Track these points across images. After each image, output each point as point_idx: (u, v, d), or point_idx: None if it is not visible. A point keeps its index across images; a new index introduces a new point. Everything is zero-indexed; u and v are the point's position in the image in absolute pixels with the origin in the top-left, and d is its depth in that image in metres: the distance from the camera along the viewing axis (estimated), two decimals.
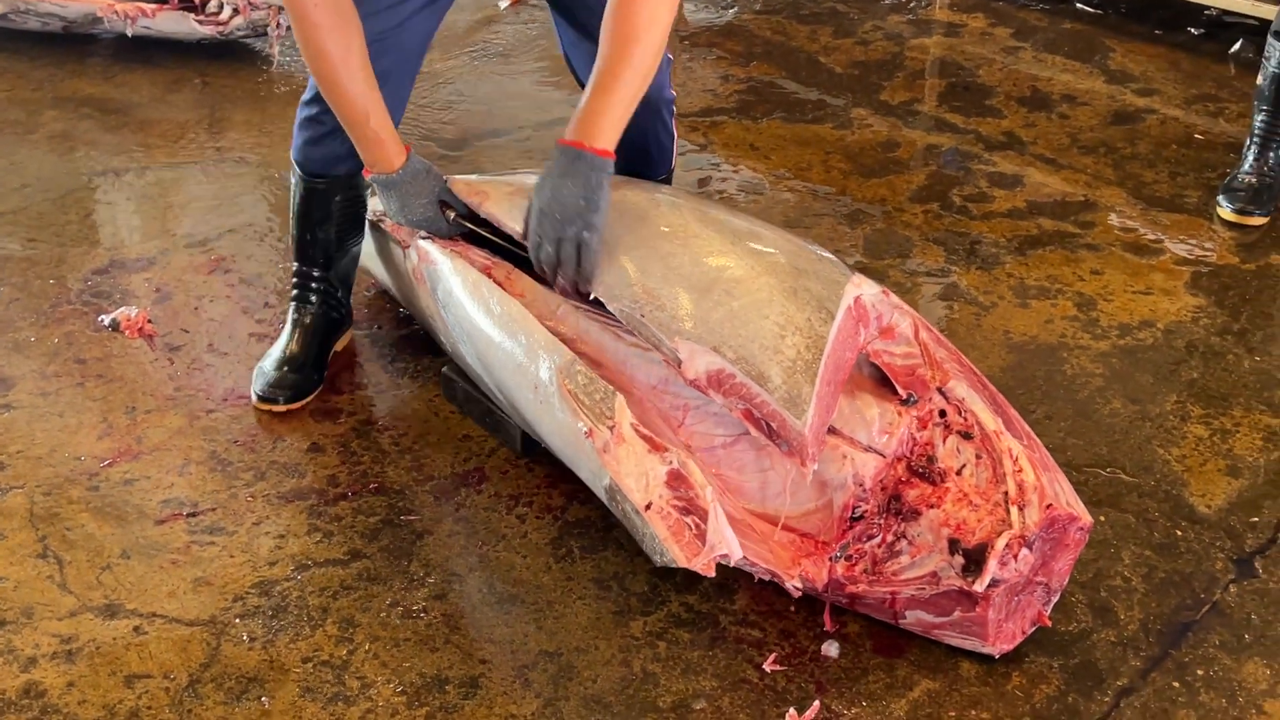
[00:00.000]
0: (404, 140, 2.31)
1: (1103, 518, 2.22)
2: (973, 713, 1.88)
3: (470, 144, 3.57)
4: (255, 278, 2.92)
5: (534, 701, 1.91)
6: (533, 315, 2.15)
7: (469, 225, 2.36)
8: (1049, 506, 1.86)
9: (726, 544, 1.85)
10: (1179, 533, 2.20)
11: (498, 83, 3.96)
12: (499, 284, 2.24)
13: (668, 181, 2.74)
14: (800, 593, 1.98)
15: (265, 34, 4.00)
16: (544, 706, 1.90)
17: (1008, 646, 1.94)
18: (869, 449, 2.02)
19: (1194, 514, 2.24)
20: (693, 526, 1.85)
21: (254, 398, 2.49)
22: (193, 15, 3.95)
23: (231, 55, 4.04)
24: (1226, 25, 4.28)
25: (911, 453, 2.00)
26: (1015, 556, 1.85)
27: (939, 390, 2.02)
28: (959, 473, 1.95)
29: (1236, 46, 4.13)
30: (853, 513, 2.00)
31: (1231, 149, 3.50)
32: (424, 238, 2.39)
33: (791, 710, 1.87)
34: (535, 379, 2.06)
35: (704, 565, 1.83)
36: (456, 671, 1.96)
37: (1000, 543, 1.84)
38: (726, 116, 3.74)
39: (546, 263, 2.11)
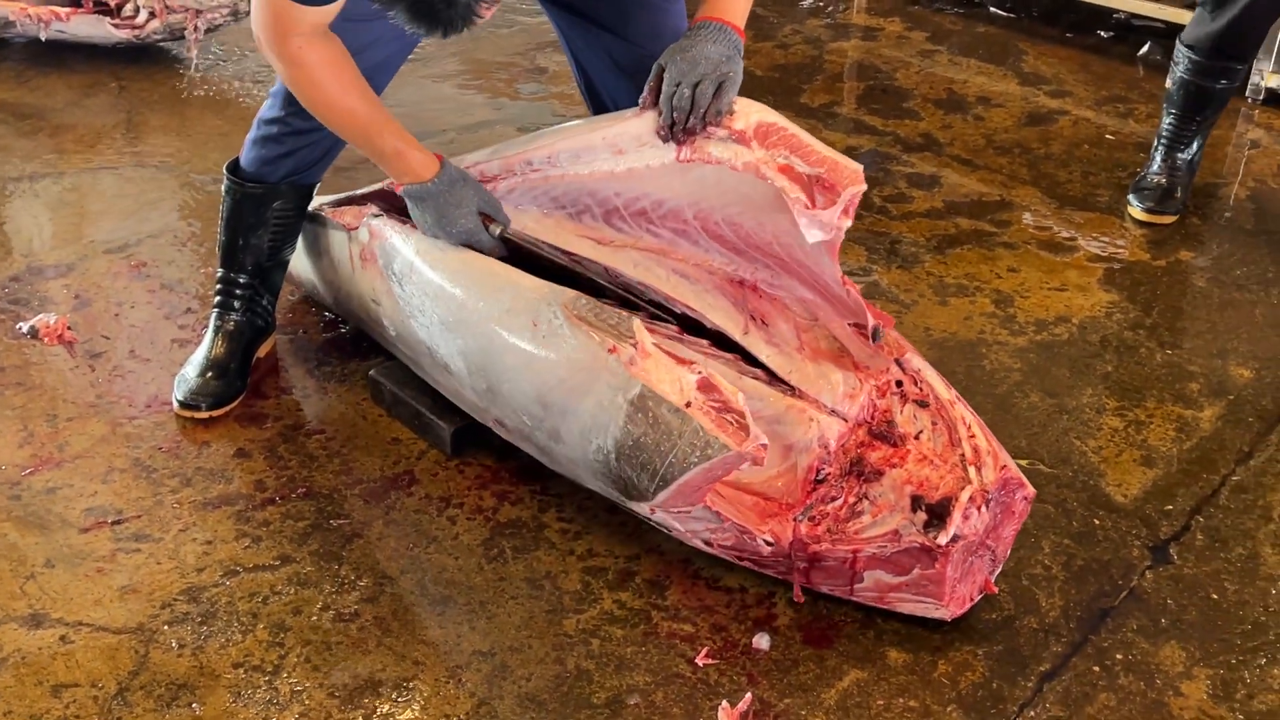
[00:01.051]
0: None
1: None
2: (900, 701, 1.92)
3: None
4: (176, 283, 2.89)
5: (468, 701, 1.91)
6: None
7: (515, 239, 2.29)
8: (1004, 468, 1.96)
9: (764, 438, 1.88)
10: (1097, 522, 2.26)
11: (420, 86, 3.95)
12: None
13: None
14: (770, 549, 2.01)
15: (182, 37, 3.95)
16: (478, 706, 1.91)
17: (959, 610, 1.99)
18: (833, 413, 2.08)
19: (1111, 503, 2.30)
20: (734, 421, 1.88)
21: (176, 405, 2.47)
22: (108, 19, 3.89)
23: (148, 59, 3.99)
24: (1135, 28, 4.39)
25: (872, 418, 2.08)
26: (978, 509, 1.92)
27: (896, 361, 2.10)
28: (917, 437, 2.04)
29: (1145, 49, 4.24)
30: (817, 474, 2.05)
31: (1141, 148, 3.59)
32: (376, 215, 2.39)
33: (724, 703, 1.90)
34: (533, 319, 2.06)
35: (755, 449, 1.85)
36: (389, 674, 1.96)
37: (964, 496, 1.92)
38: None
39: (680, 106, 2.07)
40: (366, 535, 2.21)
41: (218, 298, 2.55)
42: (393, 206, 2.49)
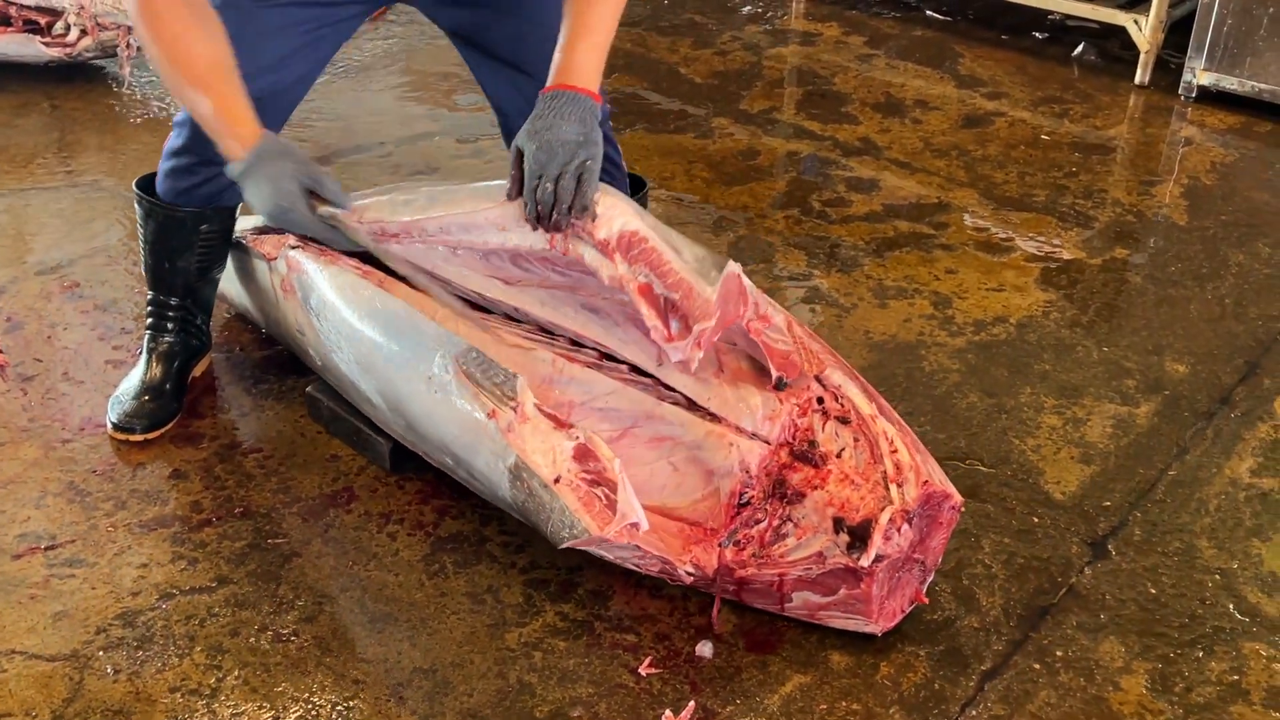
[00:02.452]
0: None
1: (963, 508, 2.28)
2: (843, 704, 1.92)
3: (331, 161, 3.53)
4: (110, 303, 2.85)
5: (409, 719, 1.90)
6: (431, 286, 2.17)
7: (342, 222, 2.15)
8: (925, 483, 1.94)
9: (636, 514, 1.87)
10: (1036, 519, 2.27)
11: (358, 98, 3.93)
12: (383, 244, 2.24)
13: (643, 202, 2.60)
14: (692, 579, 2.00)
15: (115, 55, 3.91)
16: None
17: (889, 624, 1.99)
18: (753, 436, 2.07)
19: (1050, 501, 2.32)
20: (602, 498, 1.87)
21: (110, 428, 2.44)
22: (38, 37, 3.84)
23: (81, 77, 3.94)
24: (1069, 29, 4.44)
25: (794, 438, 2.06)
26: (899, 530, 1.91)
27: (816, 378, 2.08)
28: (839, 455, 2.02)
29: (1079, 50, 4.29)
30: (739, 499, 2.04)
31: (1076, 148, 3.63)
32: (294, 247, 2.36)
33: (667, 712, 1.89)
34: (428, 371, 2.04)
35: (616, 533, 1.85)
36: (330, 694, 1.94)
37: (884, 517, 1.90)
38: None
39: (544, 201, 2.01)
40: (305, 554, 2.19)
41: (150, 320, 2.52)
42: (312, 237, 2.46)
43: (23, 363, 2.66)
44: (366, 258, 2.32)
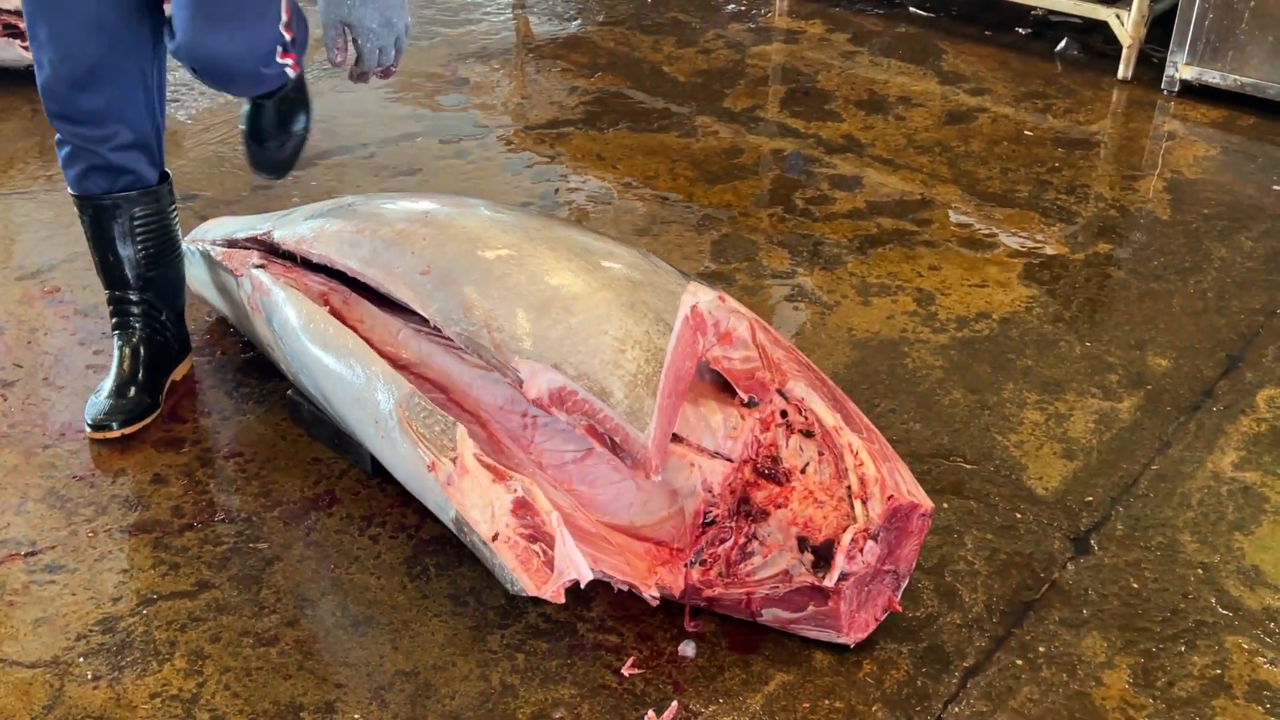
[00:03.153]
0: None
1: (946, 505, 2.28)
2: (826, 702, 1.92)
3: (313, 162, 3.52)
4: (91, 308, 2.84)
5: None
6: (373, 343, 2.14)
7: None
8: (890, 498, 1.91)
9: (575, 568, 1.84)
10: (1018, 515, 2.27)
11: (339, 100, 3.92)
12: (336, 311, 2.21)
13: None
14: (658, 601, 2.00)
15: None
16: None
17: (862, 635, 1.98)
18: (715, 455, 2.03)
19: (1032, 496, 2.32)
20: (541, 553, 1.84)
21: (88, 428, 2.43)
22: (18, 42, 3.82)
23: None
24: (1052, 25, 4.44)
25: (757, 455, 2.02)
26: (861, 550, 1.89)
27: (779, 392, 2.04)
28: (803, 471, 1.99)
29: (1062, 45, 4.29)
30: (704, 518, 2.01)
31: (1059, 144, 3.63)
32: (257, 266, 2.36)
33: (650, 712, 1.89)
34: (375, 412, 2.04)
35: (554, 593, 1.83)
36: (311, 698, 1.93)
37: (846, 538, 1.88)
38: (573, 128, 3.76)
39: (371, 64, 2.17)
40: (287, 558, 2.18)
41: (113, 318, 2.52)
42: (274, 252, 2.46)
43: (3, 368, 2.65)
44: (333, 272, 2.31)
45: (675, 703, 1.90)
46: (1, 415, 2.52)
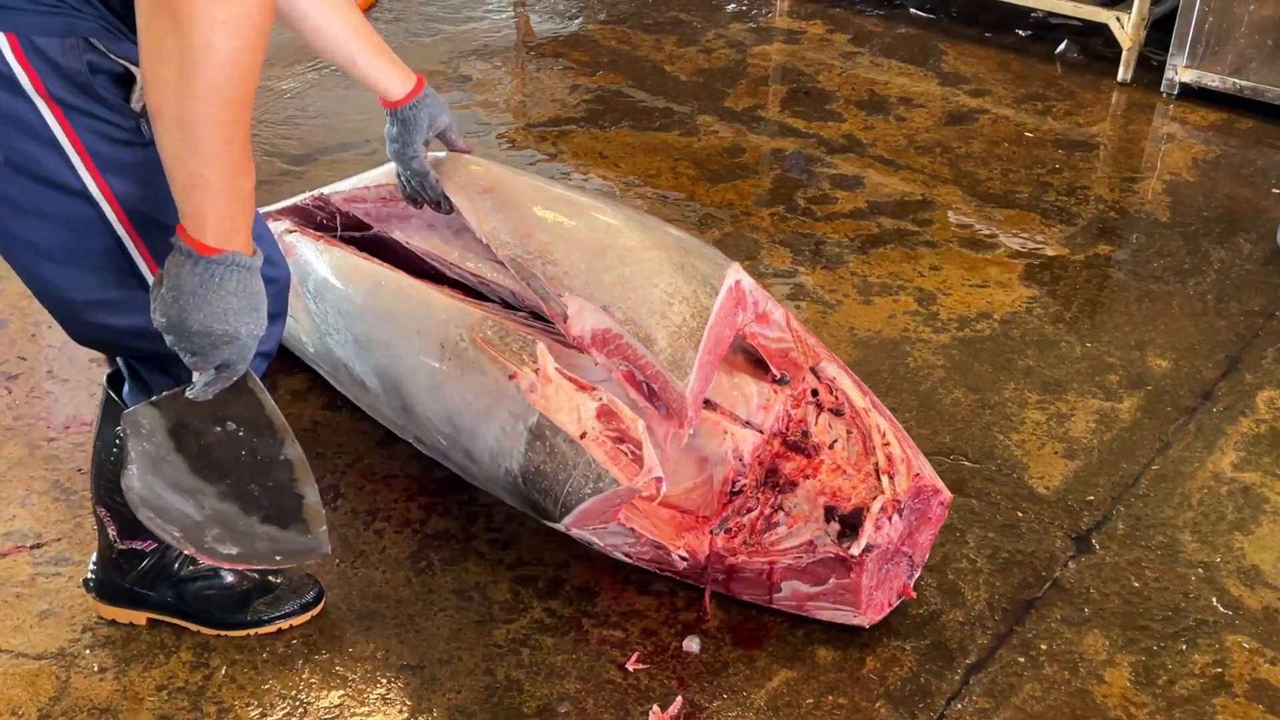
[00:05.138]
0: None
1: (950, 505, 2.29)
2: (830, 698, 1.93)
3: (314, 159, 3.53)
4: None
5: (397, 716, 1.90)
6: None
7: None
8: (917, 475, 1.96)
9: (659, 470, 1.88)
10: (1020, 514, 2.29)
11: (342, 97, 3.92)
12: (373, 234, 2.27)
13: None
14: (684, 564, 2.01)
15: None
16: None
17: (877, 616, 2.00)
18: (747, 424, 2.07)
19: (1034, 495, 2.33)
20: (628, 453, 1.88)
21: None
22: None
23: None
24: (1052, 27, 4.46)
25: (787, 428, 2.07)
26: (889, 520, 1.93)
27: (811, 370, 2.09)
28: (831, 447, 2.03)
29: (1062, 47, 4.30)
30: (732, 487, 2.05)
31: (1059, 145, 3.64)
32: (290, 231, 2.37)
33: (654, 707, 1.90)
34: (443, 338, 2.05)
35: (646, 483, 1.86)
36: (316, 691, 1.94)
37: (875, 506, 1.92)
38: (575, 125, 3.76)
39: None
40: None
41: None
42: (306, 222, 2.47)
43: (7, 361, 2.65)
44: (362, 245, 2.33)
45: (680, 698, 1.91)
46: (6, 408, 2.52)
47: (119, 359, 1.82)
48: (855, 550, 1.90)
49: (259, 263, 1.48)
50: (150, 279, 1.59)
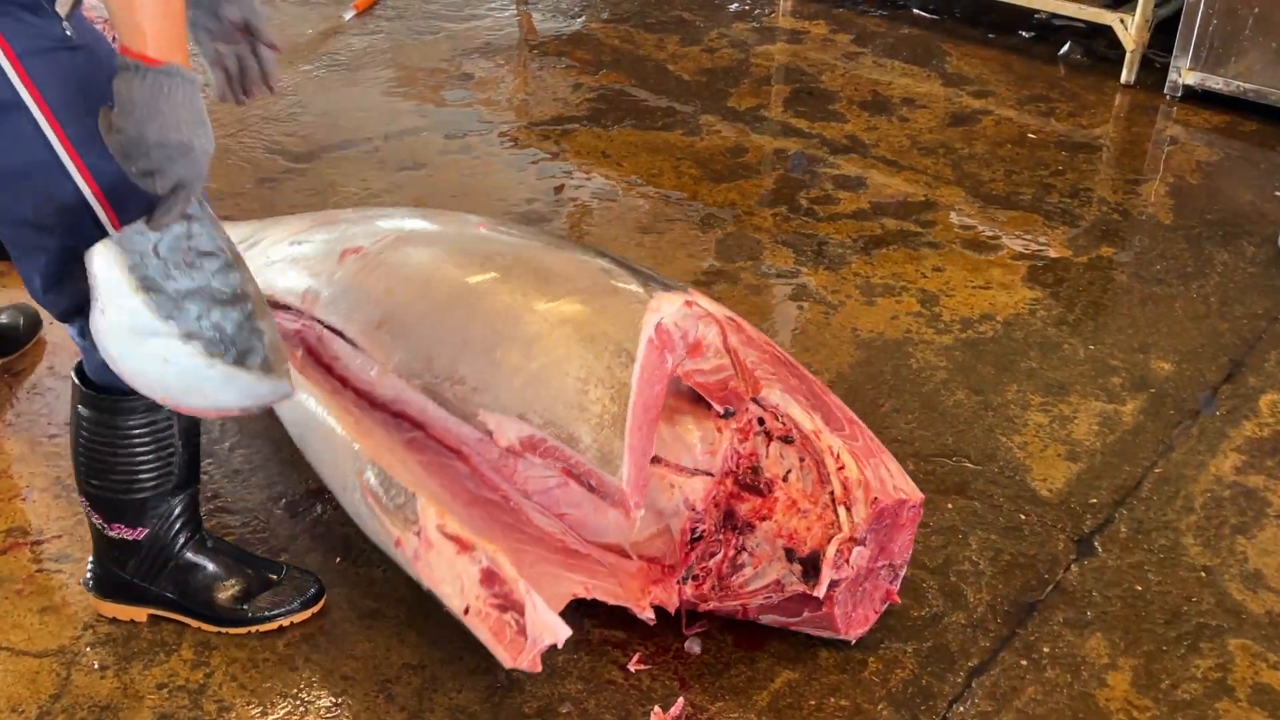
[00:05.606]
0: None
1: (950, 505, 2.29)
2: (832, 700, 1.92)
3: (318, 156, 3.53)
4: None
5: (398, 715, 1.90)
6: (349, 381, 2.10)
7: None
8: (874, 501, 1.89)
9: (551, 632, 1.78)
10: (1023, 516, 2.28)
11: (344, 94, 3.92)
12: (311, 349, 2.19)
13: None
14: (654, 621, 1.98)
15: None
16: None
17: (861, 630, 1.99)
18: (695, 472, 2.00)
19: (1036, 498, 2.33)
20: (513, 623, 1.79)
21: None
22: None
23: None
24: (1056, 28, 4.45)
25: (738, 466, 2.00)
26: (847, 559, 1.88)
27: (753, 400, 2.00)
28: (785, 478, 1.96)
29: (1065, 48, 4.30)
30: (691, 534, 1.99)
31: (1063, 147, 3.64)
32: None
33: (656, 708, 1.89)
34: (343, 480, 2.01)
35: (529, 663, 1.78)
36: (317, 690, 1.93)
37: (830, 550, 1.87)
38: (578, 124, 3.76)
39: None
40: (292, 550, 2.19)
41: None
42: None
43: (8, 357, 2.65)
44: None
45: (681, 699, 1.91)
46: (7, 404, 2.52)
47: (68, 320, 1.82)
48: (818, 593, 1.87)
49: (199, 79, 1.55)
50: (90, 197, 1.64)
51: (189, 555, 2.00)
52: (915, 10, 4.62)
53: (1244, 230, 3.23)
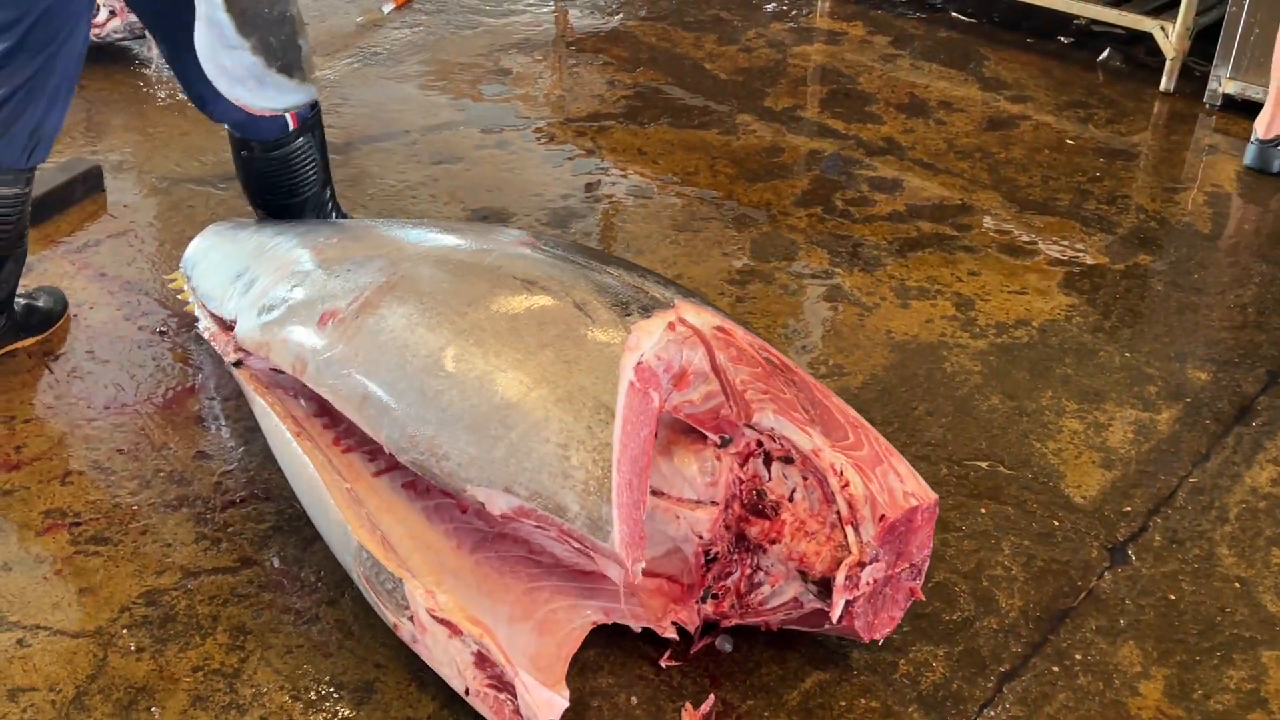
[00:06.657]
0: None
1: (983, 509, 2.29)
2: (862, 701, 1.93)
3: (355, 148, 3.54)
4: (135, 283, 2.87)
5: (430, 704, 1.91)
6: (340, 473, 2.10)
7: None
8: (882, 518, 1.85)
9: (548, 706, 1.77)
10: (1056, 523, 2.28)
11: (383, 86, 3.94)
12: (308, 415, 2.21)
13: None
14: (679, 639, 1.98)
15: (143, 36, 3.92)
16: (440, 709, 1.90)
17: (887, 631, 1.98)
18: (698, 504, 1.98)
19: (1070, 504, 2.32)
20: (510, 703, 1.80)
21: None
22: None
23: (109, 59, 3.95)
24: (1095, 34, 4.43)
25: (741, 492, 1.98)
26: (858, 583, 1.87)
27: (747, 425, 1.97)
28: (791, 499, 1.95)
29: (1104, 55, 4.28)
30: (706, 557, 1.99)
31: (1101, 153, 3.63)
32: (234, 364, 2.35)
33: (687, 704, 1.90)
34: (342, 556, 2.02)
35: None
36: (351, 676, 1.95)
37: (840, 576, 1.85)
38: (614, 122, 3.77)
39: None
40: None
41: None
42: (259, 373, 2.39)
43: (48, 341, 2.67)
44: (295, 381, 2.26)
45: (712, 696, 1.91)
46: (47, 388, 2.55)
47: None
48: (834, 615, 1.87)
49: None
50: None
51: None
52: (954, 13, 4.61)
53: None
